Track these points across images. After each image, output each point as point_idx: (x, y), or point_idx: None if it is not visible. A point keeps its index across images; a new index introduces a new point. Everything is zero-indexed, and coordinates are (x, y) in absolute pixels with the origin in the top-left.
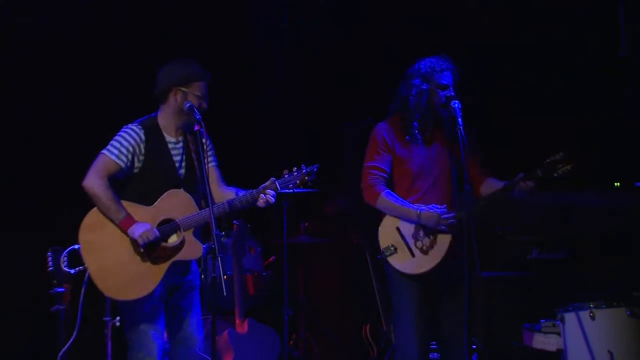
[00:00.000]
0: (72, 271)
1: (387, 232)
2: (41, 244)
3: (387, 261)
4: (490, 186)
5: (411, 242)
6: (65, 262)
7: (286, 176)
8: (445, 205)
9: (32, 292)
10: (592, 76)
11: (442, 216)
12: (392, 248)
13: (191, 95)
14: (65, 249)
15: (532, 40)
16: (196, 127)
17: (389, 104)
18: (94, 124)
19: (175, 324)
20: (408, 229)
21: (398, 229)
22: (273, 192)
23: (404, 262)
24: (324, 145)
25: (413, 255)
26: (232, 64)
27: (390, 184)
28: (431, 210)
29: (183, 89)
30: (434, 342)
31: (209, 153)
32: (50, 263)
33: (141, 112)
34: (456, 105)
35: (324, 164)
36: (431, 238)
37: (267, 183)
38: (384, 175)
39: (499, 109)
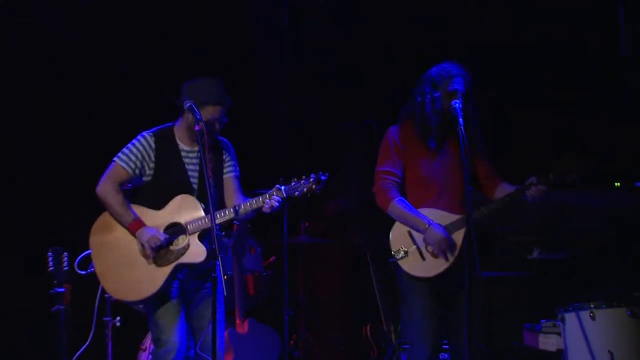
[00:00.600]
0: (84, 272)
1: (399, 236)
2: (41, 244)
3: (398, 264)
4: (503, 191)
5: (422, 245)
6: (66, 260)
7: (293, 184)
8: (446, 231)
9: (32, 292)
10: (592, 76)
11: (447, 241)
12: (403, 251)
13: (202, 116)
14: (66, 250)
15: (532, 40)
16: (196, 127)
17: (399, 108)
18: (94, 123)
19: (198, 332)
20: (419, 233)
21: (410, 232)
22: (278, 198)
23: (414, 266)
24: (324, 145)
25: (424, 258)
26: (232, 64)
27: (402, 188)
28: (438, 230)
29: (196, 109)
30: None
31: (231, 164)
32: (51, 263)
33: (141, 111)
34: (457, 105)
35: (324, 164)
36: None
37: (272, 190)
38: (396, 179)
39: (499, 108)
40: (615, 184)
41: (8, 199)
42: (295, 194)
